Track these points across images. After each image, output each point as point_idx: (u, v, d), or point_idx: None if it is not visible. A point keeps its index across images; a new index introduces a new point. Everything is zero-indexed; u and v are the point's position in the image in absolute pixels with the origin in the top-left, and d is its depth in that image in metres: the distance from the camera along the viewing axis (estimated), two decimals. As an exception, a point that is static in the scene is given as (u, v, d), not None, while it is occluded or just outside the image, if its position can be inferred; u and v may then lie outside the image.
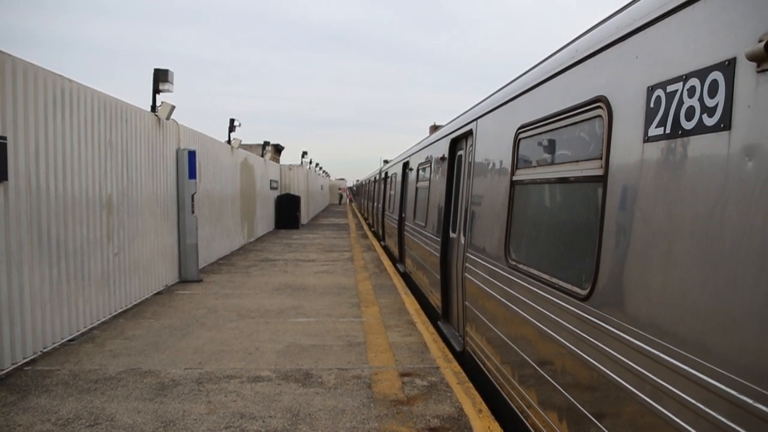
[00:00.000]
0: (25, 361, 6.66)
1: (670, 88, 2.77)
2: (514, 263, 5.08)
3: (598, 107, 3.59)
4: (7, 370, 6.35)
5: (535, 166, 4.90)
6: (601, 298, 3.37)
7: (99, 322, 8.56)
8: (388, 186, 20.73)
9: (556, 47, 5.28)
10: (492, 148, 6.25)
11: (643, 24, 3.12)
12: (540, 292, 4.35)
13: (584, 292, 3.57)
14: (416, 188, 12.43)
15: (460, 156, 8.20)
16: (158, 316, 9.20)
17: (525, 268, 4.78)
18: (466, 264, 6.86)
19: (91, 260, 8.32)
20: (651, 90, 2.94)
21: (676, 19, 2.84)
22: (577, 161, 3.95)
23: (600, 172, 3.49)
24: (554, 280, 4.15)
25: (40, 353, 6.96)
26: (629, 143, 3.15)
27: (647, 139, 2.94)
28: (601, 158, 3.50)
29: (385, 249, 19.54)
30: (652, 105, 2.92)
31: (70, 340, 7.60)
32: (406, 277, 13.46)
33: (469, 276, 6.70)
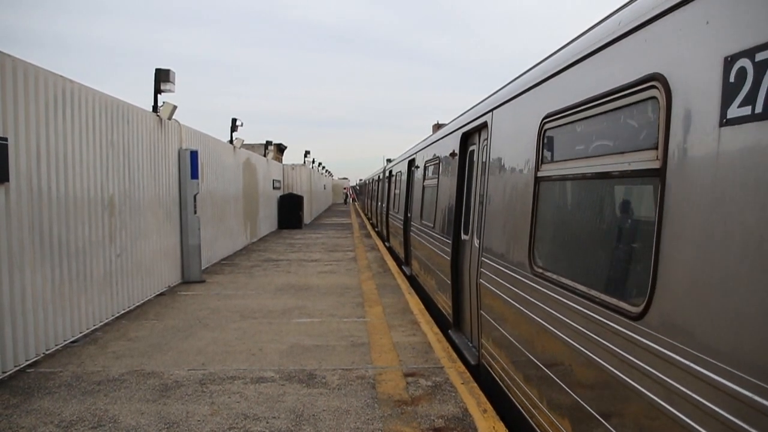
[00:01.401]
0: (27, 363, 6.64)
1: (760, 57, 2.24)
2: (540, 271, 4.52)
3: (652, 87, 3.01)
4: (10, 372, 6.32)
5: (566, 160, 4.27)
6: (658, 318, 2.81)
7: (102, 323, 8.53)
8: (392, 185, 20.29)
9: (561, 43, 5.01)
10: (511, 141, 5.66)
11: None
12: (573, 305, 3.78)
13: (636, 310, 3.01)
14: (423, 187, 12.02)
15: (473, 151, 7.66)
16: (161, 317, 9.17)
17: (554, 277, 4.21)
18: (482, 269, 6.28)
19: (94, 261, 8.29)
20: (730, 61, 2.40)
21: None
22: (623, 153, 3.34)
23: (656, 165, 2.92)
24: (593, 292, 3.56)
25: (42, 355, 6.94)
26: (698, 128, 2.61)
27: (725, 122, 2.41)
28: (656, 148, 2.94)
29: (390, 250, 19.38)
30: (732, 79, 2.37)
31: (72, 342, 7.57)
32: (412, 279, 12.97)
33: (484, 282, 6.11)
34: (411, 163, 14.53)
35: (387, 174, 23.00)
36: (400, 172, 17.39)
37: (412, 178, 14.30)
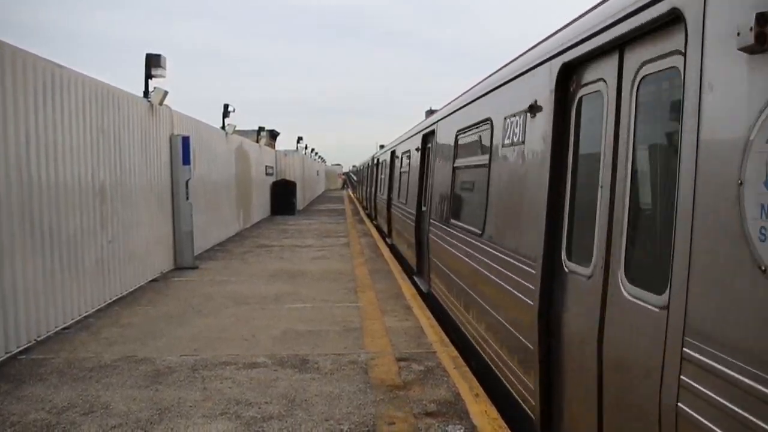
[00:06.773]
0: (19, 349, 6.61)
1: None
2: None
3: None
4: (1, 359, 6.30)
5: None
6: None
7: (94, 309, 8.51)
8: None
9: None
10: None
11: None
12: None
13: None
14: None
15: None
16: (154, 303, 9.16)
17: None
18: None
19: (85, 248, 8.25)
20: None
21: None
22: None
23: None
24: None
25: (34, 342, 6.90)
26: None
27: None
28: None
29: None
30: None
31: (65, 329, 7.55)
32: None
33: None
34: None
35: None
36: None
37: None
